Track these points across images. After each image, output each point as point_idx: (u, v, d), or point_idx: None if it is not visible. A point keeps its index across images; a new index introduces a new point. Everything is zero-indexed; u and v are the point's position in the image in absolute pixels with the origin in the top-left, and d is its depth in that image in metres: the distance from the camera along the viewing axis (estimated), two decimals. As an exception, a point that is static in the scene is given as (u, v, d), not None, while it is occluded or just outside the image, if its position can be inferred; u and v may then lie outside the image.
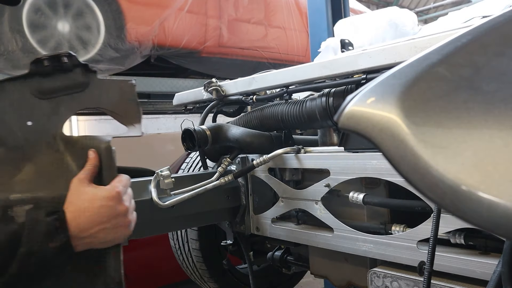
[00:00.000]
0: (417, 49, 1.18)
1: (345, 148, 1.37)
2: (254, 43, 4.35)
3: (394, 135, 0.43)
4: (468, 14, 2.23)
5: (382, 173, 1.26)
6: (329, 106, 1.52)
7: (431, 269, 0.96)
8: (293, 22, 4.62)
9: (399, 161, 0.42)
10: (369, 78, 1.32)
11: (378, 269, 1.28)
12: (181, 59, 3.96)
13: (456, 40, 0.47)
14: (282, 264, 1.95)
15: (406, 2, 17.66)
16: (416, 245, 1.20)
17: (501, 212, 0.36)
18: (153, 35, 3.56)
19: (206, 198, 1.62)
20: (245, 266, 2.23)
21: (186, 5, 3.75)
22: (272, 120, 1.71)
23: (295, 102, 1.64)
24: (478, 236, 1.13)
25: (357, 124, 0.45)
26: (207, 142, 1.59)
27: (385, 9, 2.93)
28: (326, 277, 1.65)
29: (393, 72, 0.49)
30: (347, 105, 0.47)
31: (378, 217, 1.40)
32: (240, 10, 4.20)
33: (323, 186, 1.43)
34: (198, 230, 2.14)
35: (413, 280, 1.19)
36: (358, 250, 1.36)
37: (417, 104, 0.44)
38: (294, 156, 1.54)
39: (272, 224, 1.67)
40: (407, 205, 1.27)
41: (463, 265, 1.11)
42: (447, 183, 0.39)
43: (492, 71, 0.43)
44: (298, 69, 1.57)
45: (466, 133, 0.40)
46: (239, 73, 2.18)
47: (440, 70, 0.45)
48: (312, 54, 3.49)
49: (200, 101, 1.99)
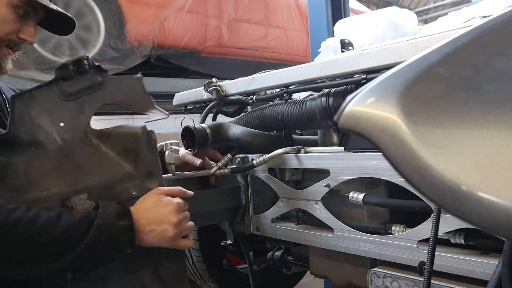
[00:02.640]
0: (417, 49, 1.17)
1: (345, 148, 1.37)
2: (254, 43, 4.35)
3: (394, 135, 0.43)
4: (468, 14, 2.23)
5: (382, 173, 1.26)
6: (329, 106, 1.51)
7: (431, 269, 0.96)
8: (293, 22, 4.62)
9: (399, 161, 0.42)
10: (369, 78, 1.32)
11: (378, 269, 1.28)
12: (181, 59, 3.95)
13: (456, 40, 0.47)
14: (282, 264, 1.95)
15: (406, 2, 17.66)
16: (416, 245, 1.20)
17: (501, 212, 0.36)
18: (153, 35, 3.55)
19: (206, 198, 1.62)
20: (245, 266, 2.23)
21: (186, 5, 3.75)
22: (272, 120, 1.71)
23: (295, 102, 1.64)
24: (478, 236, 1.13)
25: (357, 124, 0.45)
26: (207, 140, 1.59)
27: (385, 9, 2.93)
28: (326, 277, 1.65)
29: (393, 72, 0.49)
30: (347, 105, 0.47)
31: (378, 217, 1.40)
32: (240, 10, 4.20)
33: (323, 186, 1.43)
34: (198, 230, 2.14)
35: (413, 280, 1.19)
36: (358, 250, 1.36)
37: (417, 104, 0.44)
38: (294, 156, 1.54)
39: (272, 224, 1.66)
40: (407, 205, 1.27)
41: (463, 265, 1.10)
42: (447, 183, 0.39)
43: (492, 71, 0.43)
44: (298, 69, 1.57)
45: (466, 133, 0.40)
46: (239, 73, 2.18)
47: (440, 70, 0.45)
48: (312, 54, 3.49)
49: (200, 101, 1.99)
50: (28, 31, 1.19)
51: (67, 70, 1.10)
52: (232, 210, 1.75)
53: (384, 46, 1.32)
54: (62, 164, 1.08)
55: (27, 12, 1.17)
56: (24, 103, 1.07)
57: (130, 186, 1.11)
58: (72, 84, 1.10)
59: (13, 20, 1.15)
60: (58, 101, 1.09)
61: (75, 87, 1.10)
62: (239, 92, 1.80)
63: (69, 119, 1.10)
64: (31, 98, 1.08)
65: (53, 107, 1.09)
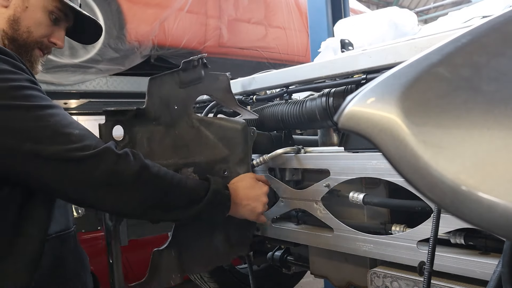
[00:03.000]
0: (417, 49, 1.17)
1: (345, 148, 1.37)
2: (254, 43, 4.34)
3: (394, 135, 0.43)
4: (468, 14, 2.23)
5: (382, 173, 1.26)
6: (329, 106, 1.51)
7: (431, 269, 0.97)
8: (293, 22, 4.62)
9: (399, 161, 0.42)
10: (369, 78, 1.32)
11: (378, 269, 1.28)
12: (181, 59, 3.94)
13: (456, 40, 0.47)
14: (282, 264, 1.95)
15: (406, 2, 17.66)
16: (416, 245, 1.20)
17: (501, 212, 0.36)
18: (153, 35, 3.55)
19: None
20: (245, 266, 2.23)
21: (186, 5, 3.75)
22: (272, 120, 1.71)
23: (295, 102, 1.64)
24: (478, 236, 1.13)
25: (357, 124, 0.45)
26: (207, 141, 1.59)
27: (385, 9, 2.92)
28: (326, 277, 1.65)
29: (393, 72, 0.49)
30: (347, 105, 0.47)
31: (378, 217, 1.40)
32: (240, 10, 4.19)
33: (323, 186, 1.43)
34: (198, 230, 2.13)
35: (413, 280, 1.19)
36: (358, 250, 1.36)
37: (417, 104, 0.44)
38: (294, 156, 1.54)
39: (272, 224, 1.66)
40: (407, 205, 1.27)
41: (463, 265, 1.10)
42: (447, 183, 0.39)
43: (492, 71, 0.43)
44: (298, 69, 1.57)
45: (466, 133, 0.40)
46: (239, 73, 2.18)
47: (440, 70, 0.45)
48: (312, 54, 3.49)
49: (200, 101, 1.99)
50: (58, 36, 1.29)
51: (190, 64, 1.37)
52: (232, 210, 1.75)
53: (384, 46, 1.32)
54: (175, 140, 1.33)
55: (58, 18, 1.26)
56: (157, 84, 1.31)
57: (224, 167, 1.41)
58: (186, 75, 1.36)
59: (47, 25, 1.24)
60: (176, 88, 1.34)
61: (188, 78, 1.36)
62: (239, 92, 1.80)
63: (181, 103, 1.35)
64: (161, 81, 1.32)
65: (173, 92, 1.33)
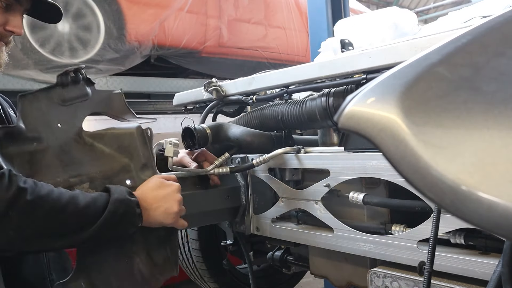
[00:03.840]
0: (417, 49, 1.17)
1: (345, 148, 1.37)
2: (254, 43, 4.35)
3: (394, 135, 0.43)
4: (468, 14, 2.23)
5: (382, 173, 1.26)
6: (329, 106, 1.51)
7: (431, 269, 0.96)
8: (293, 22, 4.62)
9: (399, 161, 0.42)
10: (369, 78, 1.32)
11: (378, 269, 1.28)
12: (181, 59, 3.95)
13: (456, 40, 0.47)
14: (282, 264, 1.95)
15: (406, 2, 17.66)
16: (416, 245, 1.20)
17: (501, 212, 0.36)
18: (153, 35, 3.55)
19: (206, 198, 1.62)
20: (245, 266, 2.23)
21: (186, 5, 3.75)
22: (272, 120, 1.71)
23: (295, 102, 1.64)
24: (478, 236, 1.13)
25: (357, 124, 0.45)
26: (207, 140, 1.59)
27: (385, 9, 2.92)
28: (326, 277, 1.65)
29: (393, 72, 0.49)
30: (347, 105, 0.47)
31: (378, 217, 1.40)
32: (240, 10, 4.20)
33: (323, 186, 1.43)
34: (198, 230, 2.14)
35: (413, 280, 1.19)
36: (358, 250, 1.36)
37: (417, 104, 0.44)
38: (294, 156, 1.54)
39: (272, 224, 1.66)
40: (407, 205, 1.27)
41: (463, 265, 1.10)
42: (447, 183, 0.39)
43: (492, 71, 0.43)
44: (298, 69, 1.57)
45: (466, 133, 0.40)
46: (239, 73, 2.18)
47: (440, 70, 0.45)
48: (312, 54, 3.49)
49: (200, 101, 1.99)
50: (14, 23, 1.19)
51: (67, 77, 1.23)
52: (232, 210, 1.75)
53: (384, 46, 1.32)
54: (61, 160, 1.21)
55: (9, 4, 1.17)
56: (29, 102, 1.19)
57: (126, 177, 1.27)
58: (67, 92, 1.24)
59: None
60: (56, 105, 1.23)
61: (70, 95, 1.25)
62: (239, 92, 1.80)
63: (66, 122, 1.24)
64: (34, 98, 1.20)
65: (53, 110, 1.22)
